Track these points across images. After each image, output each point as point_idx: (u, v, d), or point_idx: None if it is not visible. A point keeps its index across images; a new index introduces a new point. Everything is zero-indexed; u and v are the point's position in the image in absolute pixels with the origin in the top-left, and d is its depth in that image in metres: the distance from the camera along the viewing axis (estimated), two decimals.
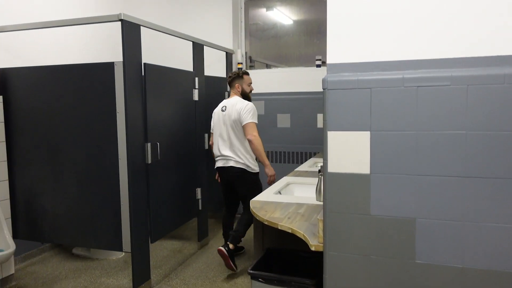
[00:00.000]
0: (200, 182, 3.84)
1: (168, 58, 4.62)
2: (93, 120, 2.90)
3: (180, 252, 3.88)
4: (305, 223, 1.80)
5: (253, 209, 2.08)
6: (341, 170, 1.45)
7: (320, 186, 2.20)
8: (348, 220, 1.46)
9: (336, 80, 1.42)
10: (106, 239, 2.98)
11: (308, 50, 4.76)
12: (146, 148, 2.97)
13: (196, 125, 3.75)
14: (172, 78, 3.32)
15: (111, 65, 2.80)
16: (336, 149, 1.45)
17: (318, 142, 4.43)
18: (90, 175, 2.97)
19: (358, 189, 1.44)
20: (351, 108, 1.42)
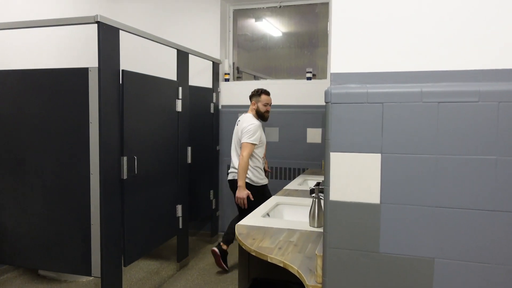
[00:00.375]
0: (181, 198, 3.57)
1: (152, 66, 4.39)
2: (63, 130, 2.63)
3: (157, 273, 3.58)
4: (299, 256, 1.57)
5: (239, 236, 1.83)
6: (345, 198, 1.23)
7: (314, 210, 1.98)
8: (353, 258, 1.23)
9: (342, 93, 1.21)
10: (73, 263, 2.68)
11: (298, 62, 4.58)
12: (121, 162, 2.70)
13: (178, 138, 3.50)
14: (154, 87, 3.08)
15: (85, 71, 2.54)
16: (340, 174, 1.23)
17: (307, 158, 4.22)
18: (58, 191, 2.67)
19: (366, 222, 1.21)
20: (359, 125, 1.20)
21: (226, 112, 4.49)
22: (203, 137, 4.18)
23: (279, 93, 4.29)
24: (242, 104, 4.40)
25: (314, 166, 4.21)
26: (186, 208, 3.65)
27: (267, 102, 3.46)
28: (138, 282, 3.39)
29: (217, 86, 4.42)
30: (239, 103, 4.42)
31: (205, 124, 4.23)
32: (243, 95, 4.37)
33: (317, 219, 1.96)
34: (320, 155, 4.19)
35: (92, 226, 2.62)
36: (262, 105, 3.45)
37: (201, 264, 3.79)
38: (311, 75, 4.31)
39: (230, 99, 4.48)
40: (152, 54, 4.61)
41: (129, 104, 2.75)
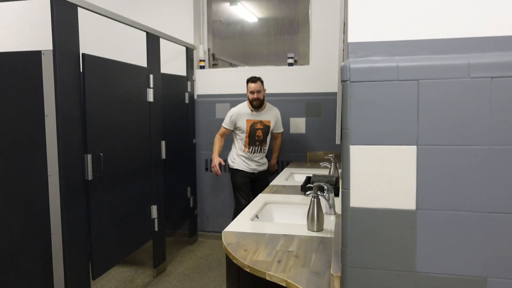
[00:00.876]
0: (156, 198, 3.24)
1: (118, 52, 3.99)
2: (14, 125, 2.24)
3: (132, 282, 3.25)
4: (304, 271, 1.30)
5: (228, 246, 1.54)
6: (371, 204, 0.96)
7: (312, 212, 1.71)
8: (381, 280, 0.96)
9: (365, 68, 0.93)
10: (32, 278, 2.32)
11: (278, 48, 4.28)
12: (85, 160, 2.35)
13: (150, 131, 3.15)
14: (121, 74, 2.71)
15: (37, 54, 2.16)
16: (364, 173, 0.95)
17: (291, 150, 3.96)
18: (10, 196, 2.29)
19: (398, 234, 0.95)
20: (387, 110, 0.93)
21: (202, 102, 4.15)
22: (178, 130, 3.84)
23: None
24: (219, 93, 4.08)
25: (299, 158, 3.96)
26: (161, 208, 3.32)
27: (252, 90, 3.41)
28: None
29: (191, 74, 4.07)
30: (216, 92, 4.10)
31: (179, 115, 3.88)
32: (220, 84, 4.05)
33: (316, 222, 1.70)
34: (305, 147, 3.93)
35: (52, 235, 2.26)
36: (249, 93, 3.45)
37: (180, 269, 3.48)
38: (292, 60, 4.03)
39: (206, 88, 4.15)
40: (118, 38, 4.20)
41: (92, 94, 2.38)
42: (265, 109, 3.56)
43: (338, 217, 1.53)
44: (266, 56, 4.33)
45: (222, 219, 4.20)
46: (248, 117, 3.50)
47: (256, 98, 3.40)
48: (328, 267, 1.32)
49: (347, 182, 0.98)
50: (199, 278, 3.29)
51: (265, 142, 3.57)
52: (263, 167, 3.67)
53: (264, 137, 3.54)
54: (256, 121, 3.51)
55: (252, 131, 3.50)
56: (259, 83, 3.41)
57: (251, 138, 3.51)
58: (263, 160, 3.65)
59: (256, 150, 3.54)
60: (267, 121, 3.54)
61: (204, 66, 4.21)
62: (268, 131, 3.55)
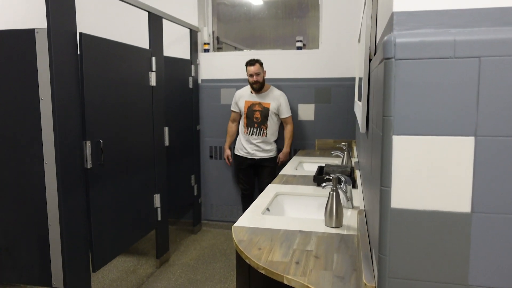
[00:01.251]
0: (159, 187, 3.10)
1: (119, 33, 3.82)
2: (7, 109, 2.09)
3: (134, 272, 3.14)
4: (326, 274, 1.16)
5: (239, 244, 1.40)
6: (416, 205, 0.81)
7: (331, 206, 1.56)
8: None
9: (415, 43, 0.77)
10: (29, 272, 2.20)
11: (286, 31, 4.09)
12: (84, 148, 2.21)
13: (153, 117, 3.00)
14: (121, 56, 2.55)
15: (30, 33, 2.00)
16: (409, 168, 0.80)
17: (300, 137, 3.80)
18: (4, 186, 2.16)
19: (448, 240, 0.80)
20: (441, 94, 0.77)
21: (207, 87, 3.99)
22: (182, 116, 3.69)
23: (266, 65, 3.81)
24: (224, 78, 3.91)
25: (307, 146, 3.81)
26: (165, 197, 3.19)
27: (251, 72, 3.40)
28: (112, 284, 2.95)
29: (195, 58, 3.89)
30: (221, 77, 3.93)
31: (183, 101, 3.72)
32: (225, 68, 3.88)
33: (335, 218, 1.55)
34: (314, 134, 3.78)
35: (50, 226, 2.14)
36: (248, 76, 3.44)
37: (184, 259, 3.37)
38: (301, 44, 3.84)
39: (211, 72, 3.98)
40: (118, 18, 4.02)
41: (90, 76, 2.23)
42: (267, 92, 3.52)
43: (361, 213, 1.39)
44: (273, 39, 4.14)
45: (227, 208, 4.08)
46: (247, 98, 3.54)
47: (256, 81, 3.39)
48: (353, 270, 1.19)
49: (388, 179, 0.83)
50: (203, 269, 3.18)
51: (265, 125, 3.49)
52: (266, 153, 3.56)
53: (263, 119, 3.48)
54: (254, 102, 3.51)
55: (250, 112, 3.51)
56: (258, 66, 3.38)
57: (249, 119, 3.52)
58: (265, 146, 3.54)
59: (255, 132, 3.51)
60: (267, 103, 3.49)
61: (208, 50, 4.03)
62: (267, 113, 3.48)
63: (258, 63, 3.39)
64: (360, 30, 2.47)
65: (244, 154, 3.59)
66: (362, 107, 1.36)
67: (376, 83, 1.06)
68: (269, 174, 3.55)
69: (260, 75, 3.40)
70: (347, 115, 3.68)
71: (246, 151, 3.56)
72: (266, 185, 3.44)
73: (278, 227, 1.58)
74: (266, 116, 3.48)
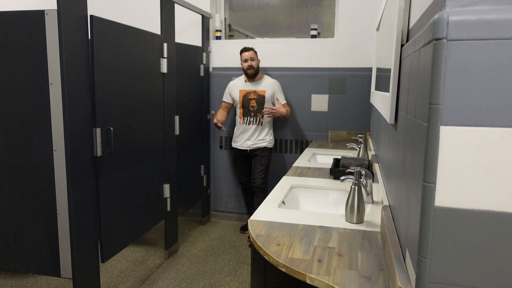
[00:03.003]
0: (169, 176, 3.05)
1: (130, 17, 3.74)
2: (16, 94, 2.03)
3: (143, 263, 3.10)
4: (352, 274, 1.08)
5: (256, 239, 1.33)
6: (466, 204, 0.73)
7: (353, 201, 1.49)
8: None
9: (471, 21, 0.68)
10: (37, 261, 2.16)
11: (300, 18, 3.98)
12: (94, 135, 2.14)
13: (164, 105, 2.93)
14: (133, 41, 2.47)
15: (40, 14, 1.93)
16: (458, 163, 0.72)
17: (312, 129, 3.72)
18: (13, 174, 2.11)
19: (498, 243, 0.72)
20: (499, 80, 0.69)
21: (218, 75, 3.90)
22: (192, 105, 3.61)
23: (279, 54, 3.72)
24: (235, 66, 3.82)
25: (320, 138, 3.72)
26: (174, 187, 3.13)
27: (246, 57, 3.36)
28: (120, 275, 2.91)
29: (207, 45, 3.80)
30: (232, 65, 3.84)
31: (194, 89, 3.64)
32: (237, 56, 3.78)
33: (357, 213, 1.48)
34: (327, 126, 3.69)
35: (58, 215, 2.09)
36: (243, 62, 3.40)
37: (193, 251, 3.32)
38: (316, 32, 3.73)
39: (222, 60, 3.89)
40: (129, 3, 3.94)
41: (101, 61, 2.15)
42: (261, 80, 3.46)
43: (386, 209, 1.31)
44: (286, 27, 4.03)
45: (236, 199, 4.02)
46: (241, 87, 3.46)
47: (250, 65, 3.34)
48: (380, 270, 1.11)
49: (432, 174, 0.74)
50: (212, 261, 3.13)
51: (261, 113, 3.40)
52: (262, 142, 3.44)
53: (259, 107, 3.40)
54: (249, 91, 3.44)
55: (246, 101, 3.43)
56: (252, 52, 3.37)
57: (245, 108, 3.43)
58: (260, 135, 3.43)
59: (252, 121, 3.43)
60: (262, 91, 3.41)
61: (220, 37, 3.93)
62: (263, 101, 3.40)
63: (252, 50, 3.37)
64: (381, 16, 2.36)
65: (239, 146, 3.49)
66: (391, 97, 1.27)
67: (413, 69, 0.97)
68: (261, 164, 3.43)
69: (255, 61, 3.36)
70: (362, 107, 3.58)
71: (242, 142, 3.46)
72: (258, 174, 3.39)
73: (296, 221, 1.50)
74: (262, 104, 3.39)
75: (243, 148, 3.47)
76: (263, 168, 3.41)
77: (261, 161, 3.42)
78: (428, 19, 0.84)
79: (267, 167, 3.46)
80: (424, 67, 0.81)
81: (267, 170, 3.46)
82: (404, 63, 1.18)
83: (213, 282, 2.80)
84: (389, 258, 1.02)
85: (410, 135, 0.97)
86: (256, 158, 3.45)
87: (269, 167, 3.52)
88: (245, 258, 3.20)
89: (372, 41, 3.44)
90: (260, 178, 3.40)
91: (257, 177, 3.40)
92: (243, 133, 3.45)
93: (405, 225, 0.97)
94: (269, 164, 3.51)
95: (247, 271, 2.96)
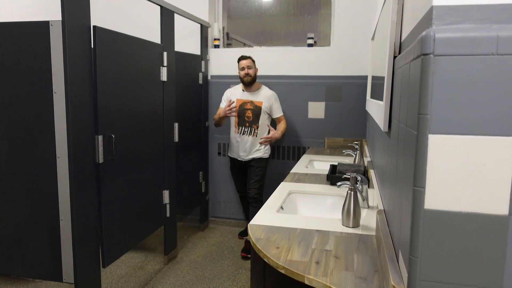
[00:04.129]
0: (168, 183, 3.09)
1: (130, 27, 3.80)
2: (20, 102, 2.08)
3: (142, 269, 3.14)
4: (348, 275, 1.14)
5: (256, 242, 1.38)
6: (452, 207, 0.79)
7: (349, 206, 1.54)
8: None
9: (456, 38, 0.74)
10: (40, 266, 2.19)
11: (297, 27, 4.06)
12: (96, 142, 2.19)
13: (164, 112, 2.98)
14: (134, 50, 2.53)
15: (44, 25, 1.99)
16: (444, 168, 0.78)
17: (309, 135, 3.78)
18: (16, 180, 2.15)
19: (483, 243, 0.78)
20: (481, 92, 0.75)
21: (216, 83, 3.96)
22: (191, 112, 3.67)
23: (276, 62, 3.79)
24: (233, 74, 3.88)
25: (317, 145, 3.78)
26: (173, 193, 3.18)
27: (243, 66, 3.35)
28: (120, 280, 2.94)
29: (206, 53, 3.87)
30: (230, 73, 3.91)
31: (193, 97, 3.70)
32: (235, 64, 3.84)
33: (353, 218, 1.53)
34: (323, 132, 3.75)
35: (61, 221, 2.13)
36: (240, 70, 3.38)
37: (192, 256, 3.36)
38: (312, 41, 3.81)
39: (220, 69, 3.95)
40: (130, 12, 4.00)
41: (103, 70, 2.21)
42: (258, 90, 3.44)
43: (381, 213, 1.36)
44: (284, 36, 4.11)
45: (234, 205, 4.07)
46: (239, 96, 3.44)
47: (247, 73, 3.32)
48: (375, 271, 1.16)
49: (422, 179, 0.80)
50: (211, 266, 3.17)
51: (256, 124, 3.37)
52: (256, 154, 3.40)
53: (255, 118, 3.37)
54: (246, 101, 3.41)
55: (241, 111, 3.40)
56: (250, 60, 3.36)
57: (240, 117, 3.41)
58: (255, 147, 3.39)
59: (246, 131, 3.40)
60: (259, 102, 3.39)
61: (218, 46, 4.01)
62: (259, 112, 3.37)
63: (250, 59, 3.36)
64: (376, 27, 2.44)
65: (235, 156, 3.48)
66: (385, 106, 1.33)
67: (404, 80, 1.04)
68: (256, 174, 3.39)
69: (252, 69, 3.33)
70: (358, 114, 3.64)
71: (237, 154, 3.45)
72: (252, 185, 3.36)
73: (294, 225, 1.56)
74: (258, 115, 3.37)
75: (240, 159, 3.45)
76: (257, 179, 3.38)
77: (255, 171, 3.39)
78: (418, 34, 0.90)
79: (262, 178, 3.43)
80: (413, 79, 0.87)
81: (262, 180, 3.43)
82: (396, 74, 1.24)
83: (212, 287, 2.83)
84: (383, 259, 1.07)
85: (402, 142, 1.03)
86: (251, 168, 3.42)
87: (264, 177, 3.47)
88: (243, 263, 3.23)
89: (368, 50, 3.51)
90: (255, 188, 3.37)
91: (251, 188, 3.38)
92: (238, 144, 3.43)
93: (398, 227, 1.03)
94: (265, 174, 3.48)
95: (246, 276, 3.00)
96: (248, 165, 3.44)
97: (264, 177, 3.47)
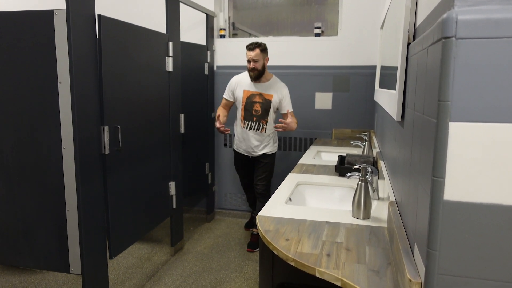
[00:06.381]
0: (175, 174, 3.07)
1: (135, 16, 3.76)
2: (25, 93, 2.06)
3: (149, 260, 3.14)
4: (361, 268, 1.11)
5: (265, 234, 1.36)
6: (472, 198, 0.75)
7: (359, 197, 1.51)
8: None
9: (480, 20, 0.70)
10: (47, 257, 2.19)
11: (304, 17, 3.99)
12: (102, 133, 2.17)
13: (169, 103, 2.95)
14: (139, 40, 2.49)
15: (49, 14, 1.95)
16: (466, 158, 0.74)
17: (316, 126, 3.74)
18: (23, 171, 2.14)
19: (505, 236, 0.75)
20: (507, 77, 0.71)
21: (222, 74, 3.92)
22: (197, 103, 3.64)
23: (283, 52, 3.74)
24: (239, 65, 3.84)
25: (323, 136, 3.74)
26: (180, 185, 3.16)
27: (248, 58, 3.02)
28: (127, 271, 2.94)
29: (211, 43, 3.82)
30: (236, 63, 3.86)
31: (198, 87, 3.67)
32: (241, 54, 3.80)
33: (363, 209, 1.50)
34: (331, 123, 3.71)
35: (68, 212, 2.12)
36: (247, 61, 3.06)
37: (198, 248, 3.36)
38: (320, 31, 3.75)
39: (226, 59, 3.91)
40: (135, 1, 3.96)
41: (109, 60, 2.18)
42: (269, 82, 3.11)
43: (393, 205, 1.33)
44: (290, 26, 4.05)
45: (241, 197, 4.05)
46: (246, 87, 3.12)
47: (252, 67, 2.99)
48: (388, 264, 1.13)
49: (441, 169, 0.77)
50: (218, 257, 3.16)
51: (265, 119, 3.10)
52: (264, 150, 3.18)
53: (263, 113, 3.08)
54: (255, 93, 3.09)
55: (249, 104, 3.10)
56: (257, 51, 2.96)
57: (247, 111, 3.12)
58: (263, 142, 3.16)
59: (253, 126, 3.12)
60: (269, 95, 3.07)
61: (224, 36, 3.96)
62: (268, 106, 3.07)
63: (258, 48, 2.96)
64: (386, 15, 2.38)
65: (241, 151, 3.25)
66: (398, 94, 1.29)
67: (421, 67, 0.99)
68: (264, 171, 3.21)
69: (259, 63, 2.98)
70: (366, 104, 3.59)
71: (244, 149, 3.22)
72: (260, 180, 3.20)
73: (304, 217, 1.53)
74: (267, 109, 3.07)
75: (247, 154, 3.25)
76: (265, 175, 3.19)
77: (264, 168, 3.19)
78: (436, 18, 0.86)
79: (270, 173, 3.24)
80: (432, 65, 0.83)
81: (270, 176, 3.25)
82: (411, 61, 1.20)
83: (219, 279, 2.83)
84: (397, 252, 1.04)
85: (418, 131, 0.99)
86: (259, 164, 3.21)
87: (272, 172, 3.28)
88: (250, 255, 3.22)
89: (376, 39, 3.45)
90: (262, 184, 3.19)
91: (259, 184, 3.20)
92: (244, 139, 3.19)
93: (413, 219, 1.00)
94: (273, 169, 3.28)
95: (252, 268, 2.99)
96: (256, 160, 3.24)
97: (272, 172, 3.28)
